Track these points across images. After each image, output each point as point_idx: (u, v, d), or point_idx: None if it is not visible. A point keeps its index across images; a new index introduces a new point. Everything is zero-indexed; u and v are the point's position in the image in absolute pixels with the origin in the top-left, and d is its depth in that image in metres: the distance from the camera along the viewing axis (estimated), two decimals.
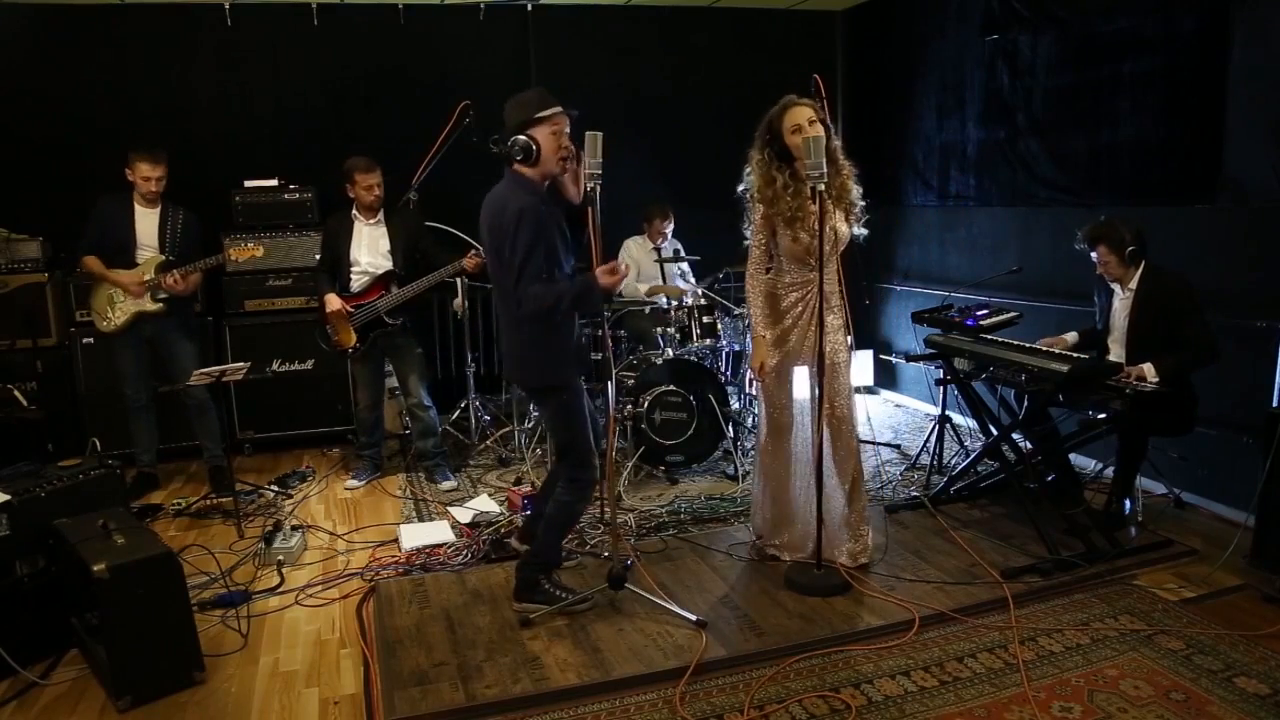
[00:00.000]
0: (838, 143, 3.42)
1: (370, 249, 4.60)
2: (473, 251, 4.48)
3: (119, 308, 4.39)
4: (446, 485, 4.66)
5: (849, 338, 3.45)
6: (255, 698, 2.80)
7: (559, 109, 2.99)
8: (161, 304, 4.40)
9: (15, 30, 5.14)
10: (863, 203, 3.43)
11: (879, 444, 5.19)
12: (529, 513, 3.67)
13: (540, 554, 3.23)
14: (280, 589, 3.53)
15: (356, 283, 4.57)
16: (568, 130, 3.03)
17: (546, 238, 2.93)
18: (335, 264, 4.61)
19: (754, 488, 3.71)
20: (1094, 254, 3.75)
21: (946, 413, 4.73)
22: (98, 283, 4.42)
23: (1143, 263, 3.69)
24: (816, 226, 3.20)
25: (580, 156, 3.05)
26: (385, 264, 4.60)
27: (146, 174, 4.29)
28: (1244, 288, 3.87)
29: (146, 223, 4.41)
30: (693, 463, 4.80)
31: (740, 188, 3.47)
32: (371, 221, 4.61)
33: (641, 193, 5.60)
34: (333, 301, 4.50)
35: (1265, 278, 3.79)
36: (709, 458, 4.87)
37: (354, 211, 4.59)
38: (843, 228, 3.37)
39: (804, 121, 3.24)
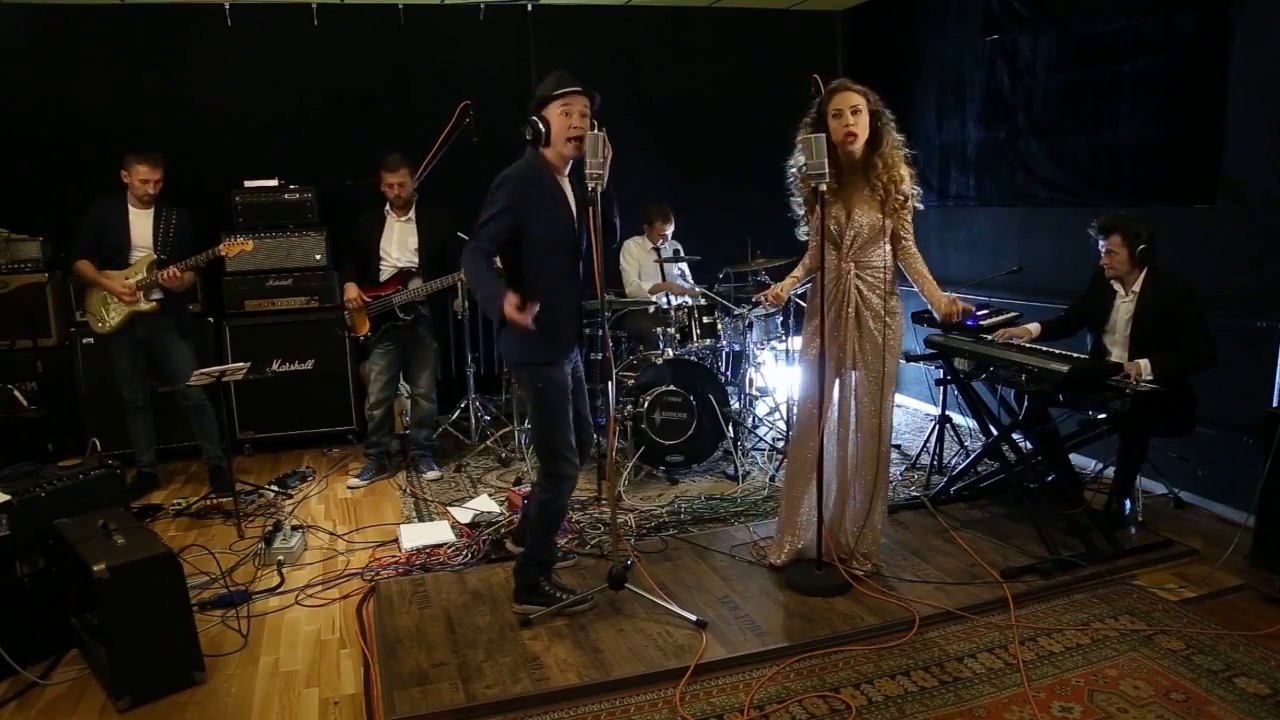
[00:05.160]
0: (898, 137, 3.20)
1: (400, 244, 4.73)
2: None
3: (113, 309, 4.39)
4: (430, 475, 4.76)
5: (884, 336, 3.25)
6: (255, 698, 2.80)
7: (572, 88, 2.95)
8: (155, 303, 4.39)
9: (15, 30, 5.14)
10: (914, 201, 3.22)
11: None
12: (523, 512, 3.66)
13: (534, 555, 3.23)
14: (280, 589, 3.53)
15: (385, 274, 4.72)
16: (585, 112, 2.99)
17: (529, 210, 2.92)
18: (364, 257, 4.72)
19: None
20: (1103, 243, 3.71)
21: (946, 413, 4.73)
22: (90, 286, 4.42)
23: (1148, 266, 3.68)
24: (822, 219, 3.15)
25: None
26: (413, 259, 4.71)
27: (145, 176, 4.28)
28: (1244, 288, 3.87)
29: (141, 224, 4.39)
30: (693, 463, 4.79)
31: (790, 165, 3.28)
32: (403, 218, 4.73)
33: (642, 193, 5.59)
34: (350, 290, 4.66)
35: (1265, 278, 3.80)
36: (709, 458, 4.87)
37: (386, 207, 4.73)
38: (864, 219, 3.18)
39: (846, 108, 3.09)
